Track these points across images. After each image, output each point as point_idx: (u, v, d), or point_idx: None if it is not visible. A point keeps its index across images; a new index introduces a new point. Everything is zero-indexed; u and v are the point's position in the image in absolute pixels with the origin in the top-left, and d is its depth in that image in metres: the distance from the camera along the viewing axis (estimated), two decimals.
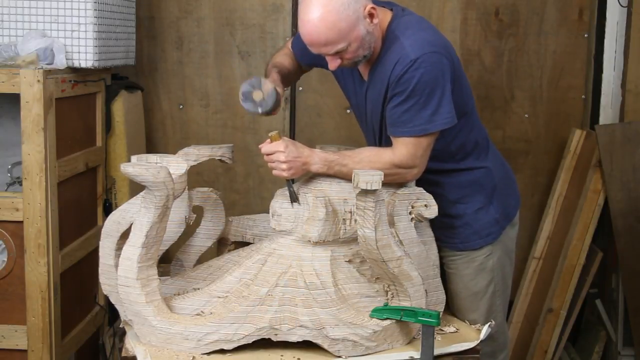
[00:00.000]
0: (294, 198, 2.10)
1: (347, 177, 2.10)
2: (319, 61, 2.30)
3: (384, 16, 2.15)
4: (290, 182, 2.12)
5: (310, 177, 2.19)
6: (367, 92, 2.22)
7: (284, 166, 2.09)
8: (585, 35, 3.56)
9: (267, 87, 2.17)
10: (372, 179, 1.85)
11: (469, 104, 2.26)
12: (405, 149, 2.10)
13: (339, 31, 2.01)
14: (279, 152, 2.09)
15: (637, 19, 3.32)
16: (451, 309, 2.35)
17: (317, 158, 2.12)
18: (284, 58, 2.45)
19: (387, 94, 2.12)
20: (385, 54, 2.12)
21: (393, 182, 2.13)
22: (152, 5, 3.54)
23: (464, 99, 2.21)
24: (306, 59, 2.42)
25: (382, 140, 2.25)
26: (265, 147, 2.11)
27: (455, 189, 2.28)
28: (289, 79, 2.42)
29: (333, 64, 2.10)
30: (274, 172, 2.12)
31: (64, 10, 2.73)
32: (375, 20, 2.08)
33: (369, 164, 2.10)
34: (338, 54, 2.07)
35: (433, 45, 2.08)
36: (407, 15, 2.18)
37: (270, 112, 2.21)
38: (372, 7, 2.06)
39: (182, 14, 3.56)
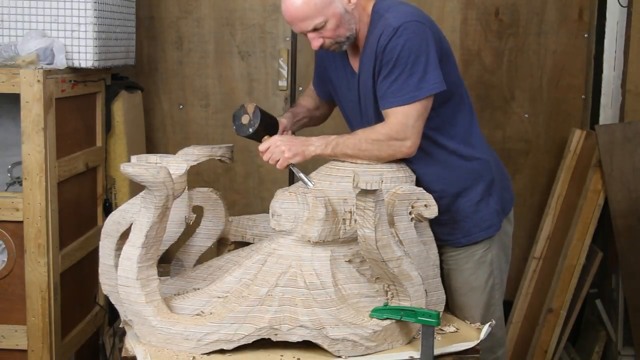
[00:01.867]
0: (307, 179, 2.14)
1: (343, 154, 2.17)
2: (328, 81, 2.40)
3: (368, 3, 2.22)
4: (296, 168, 2.17)
5: (309, 176, 2.19)
6: (359, 80, 2.25)
7: (283, 148, 2.17)
8: (585, 35, 3.56)
9: (251, 108, 2.26)
10: (372, 179, 1.85)
11: (461, 87, 2.30)
12: (395, 119, 2.13)
13: (315, 6, 2.10)
14: (275, 140, 2.20)
15: (637, 19, 3.32)
16: (450, 306, 2.35)
17: (315, 138, 2.21)
18: (303, 98, 2.57)
19: (375, 69, 2.16)
20: (371, 34, 2.18)
21: (391, 157, 2.16)
22: (152, 5, 3.54)
23: (453, 78, 2.24)
24: (321, 88, 2.50)
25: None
26: (262, 145, 2.22)
27: (456, 182, 2.29)
28: (309, 116, 2.52)
29: (315, 42, 2.17)
30: (279, 163, 2.18)
31: (64, 10, 2.73)
32: (354, 0, 2.15)
33: (363, 135, 2.15)
34: (317, 31, 2.14)
35: (415, 16, 2.15)
36: None
37: (263, 133, 2.25)
38: None
39: (182, 14, 3.56)
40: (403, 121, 2.12)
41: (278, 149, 2.17)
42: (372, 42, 2.16)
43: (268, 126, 2.27)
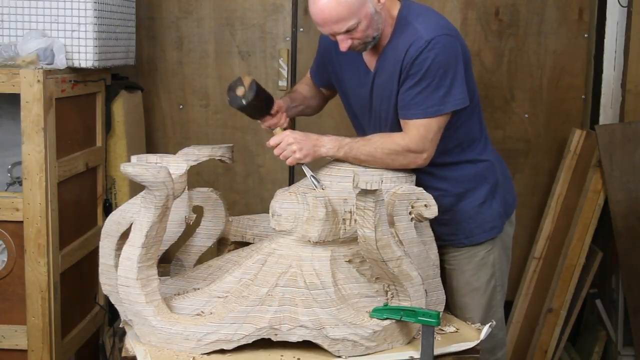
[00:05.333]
0: (316, 180, 2.13)
1: (355, 159, 2.16)
2: (331, 72, 2.37)
3: (393, 4, 2.19)
4: (306, 166, 2.16)
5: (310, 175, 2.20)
6: (374, 81, 2.23)
7: (294, 147, 2.14)
8: (585, 35, 3.56)
9: (247, 80, 2.21)
10: (372, 179, 1.85)
11: (476, 94, 2.30)
12: (416, 132, 2.13)
13: (349, 7, 2.05)
14: (286, 137, 2.16)
15: (637, 19, 3.32)
16: (450, 306, 2.35)
17: (327, 139, 2.18)
18: (300, 85, 2.53)
19: (401, 77, 2.14)
20: (398, 39, 2.16)
21: (403, 167, 2.16)
22: (152, 5, 3.54)
23: (471, 87, 2.24)
24: (320, 77, 2.47)
25: (388, 129, 2.25)
26: (272, 139, 2.18)
27: (460, 183, 2.30)
28: (306, 103, 2.48)
29: (344, 44, 2.12)
30: (288, 160, 2.16)
31: (64, 10, 2.73)
32: (383, 0, 2.12)
33: (379, 144, 2.14)
34: (348, 32, 2.10)
35: (446, 29, 2.14)
36: (416, 4, 2.23)
37: (257, 106, 2.21)
38: None
39: (182, 14, 3.56)
40: (423, 134, 2.13)
41: (290, 147, 2.15)
42: (397, 48, 2.14)
43: (263, 102, 2.22)
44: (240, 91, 2.20)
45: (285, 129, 2.25)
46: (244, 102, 2.19)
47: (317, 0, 2.07)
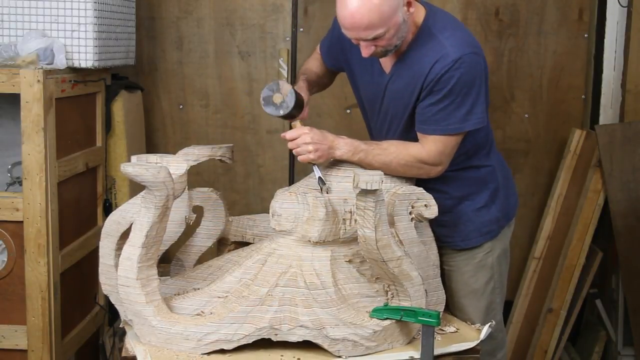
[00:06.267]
0: (323, 183, 2.11)
1: (368, 166, 2.14)
2: (342, 60, 2.33)
3: (417, 11, 2.14)
4: (317, 167, 2.13)
5: (309, 175, 2.20)
6: (388, 84, 2.21)
7: (310, 147, 2.10)
8: (585, 35, 3.56)
9: (286, 89, 2.17)
10: (372, 179, 1.85)
11: (489, 104, 2.29)
12: (434, 146, 2.13)
13: (381, 14, 1.99)
14: (304, 135, 2.11)
15: (637, 19, 3.32)
16: (450, 307, 2.35)
17: (343, 142, 2.15)
18: (313, 63, 2.47)
19: (422, 92, 2.12)
20: (420, 50, 2.12)
21: (416, 176, 2.18)
22: (152, 5, 3.54)
23: (488, 98, 2.23)
24: (330, 60, 2.43)
25: (396, 133, 2.24)
26: (290, 133, 2.14)
27: (461, 186, 2.29)
28: (320, 83, 2.45)
29: (367, 50, 2.07)
30: (301, 157, 2.12)
31: (64, 10, 2.73)
32: (412, 9, 2.07)
33: (395, 155, 2.13)
34: (375, 40, 2.04)
35: (472, 46, 2.11)
36: (441, 13, 2.19)
37: (293, 114, 2.19)
38: None
39: (182, 14, 3.56)
40: (441, 149, 2.13)
41: (305, 146, 2.11)
42: (421, 61, 2.10)
43: (297, 108, 2.19)
44: (277, 98, 2.16)
45: (302, 119, 2.22)
46: (281, 112, 2.17)
47: (348, 3, 1.99)
